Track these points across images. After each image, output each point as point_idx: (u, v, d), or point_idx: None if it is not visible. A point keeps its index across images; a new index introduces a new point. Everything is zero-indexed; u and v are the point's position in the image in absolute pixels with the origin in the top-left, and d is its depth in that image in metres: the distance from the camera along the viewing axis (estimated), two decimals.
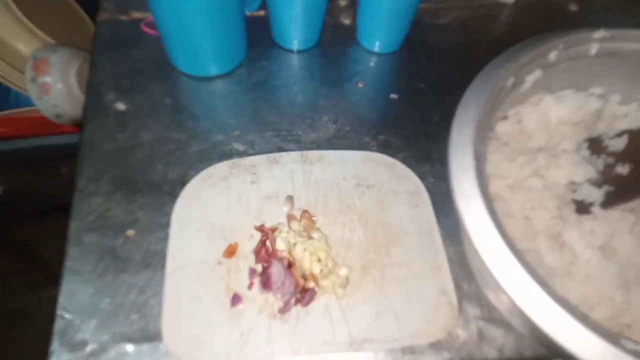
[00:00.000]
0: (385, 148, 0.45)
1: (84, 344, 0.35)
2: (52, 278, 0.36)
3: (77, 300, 0.36)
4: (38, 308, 0.90)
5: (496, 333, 0.37)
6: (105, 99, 0.45)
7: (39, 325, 0.87)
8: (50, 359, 0.34)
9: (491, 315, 0.38)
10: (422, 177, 0.43)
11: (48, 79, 0.64)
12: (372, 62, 0.50)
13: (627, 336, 0.25)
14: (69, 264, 0.37)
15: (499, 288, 0.27)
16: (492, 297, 0.38)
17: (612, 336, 0.25)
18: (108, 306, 0.36)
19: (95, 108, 0.44)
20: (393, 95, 0.48)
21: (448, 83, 0.48)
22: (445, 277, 0.39)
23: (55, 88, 0.65)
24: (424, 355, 0.36)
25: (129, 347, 0.35)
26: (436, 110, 0.47)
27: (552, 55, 0.35)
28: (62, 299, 0.36)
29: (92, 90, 0.45)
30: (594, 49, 0.35)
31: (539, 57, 0.34)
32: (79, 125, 0.54)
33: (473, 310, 0.38)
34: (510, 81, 0.34)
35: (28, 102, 0.68)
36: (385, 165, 0.44)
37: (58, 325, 0.35)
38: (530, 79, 0.35)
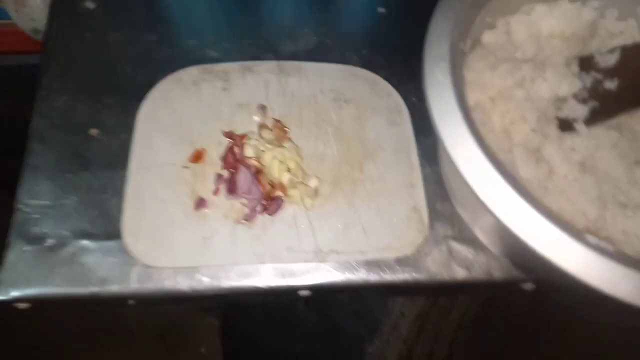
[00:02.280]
0: (368, 64, 0.42)
1: (42, 237, 0.34)
2: None
3: (36, 195, 0.35)
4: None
5: (466, 253, 0.37)
6: None
7: None
8: (8, 250, 0.34)
9: (462, 235, 0.37)
10: (404, 96, 0.41)
11: None
12: None
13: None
14: (30, 159, 0.36)
15: (473, 198, 0.26)
16: (465, 215, 0.37)
17: (602, 248, 0.23)
18: (68, 203, 0.35)
19: (63, 5, 0.42)
20: (380, 9, 0.45)
21: None
22: (418, 195, 0.38)
23: (33, 0, 0.61)
24: (391, 270, 0.36)
25: (88, 243, 0.34)
26: (426, 28, 0.44)
27: None
28: (22, 193, 0.35)
29: None
30: None
31: None
32: None
33: (444, 230, 0.37)
34: None
35: (5, 16, 0.65)
36: (366, 80, 0.42)
37: (17, 218, 0.34)
38: None
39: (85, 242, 0.34)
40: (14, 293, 0.33)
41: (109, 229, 0.34)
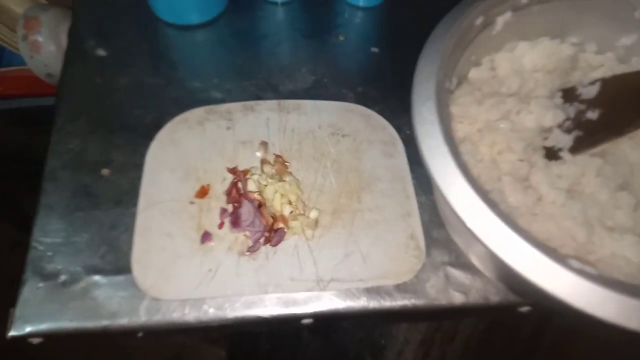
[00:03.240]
0: (362, 100, 0.45)
1: (56, 274, 0.36)
2: None
3: (50, 233, 0.37)
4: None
5: (463, 278, 0.38)
6: (86, 44, 0.45)
7: None
8: (24, 287, 0.35)
9: (459, 261, 0.38)
10: (398, 129, 0.44)
11: (39, 38, 0.64)
12: (355, 15, 0.50)
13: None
14: (44, 199, 0.38)
15: (464, 229, 0.27)
16: (460, 242, 0.38)
17: (585, 271, 0.25)
18: (80, 240, 0.37)
19: (76, 53, 0.45)
20: (374, 49, 0.48)
21: None
22: (415, 223, 0.39)
23: (46, 47, 0.65)
24: (390, 297, 0.37)
25: (99, 278, 0.36)
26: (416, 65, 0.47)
27: None
28: (36, 232, 0.37)
29: (74, 36, 0.46)
30: None
31: None
32: None
33: (441, 256, 0.39)
34: (479, 20, 0.33)
35: (21, 62, 0.69)
36: (361, 115, 0.44)
37: (31, 255, 0.36)
38: (501, 21, 0.35)
39: (96, 277, 0.36)
40: (29, 328, 0.34)
41: (119, 264, 0.36)
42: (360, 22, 0.50)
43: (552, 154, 0.36)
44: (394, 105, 0.45)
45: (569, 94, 0.38)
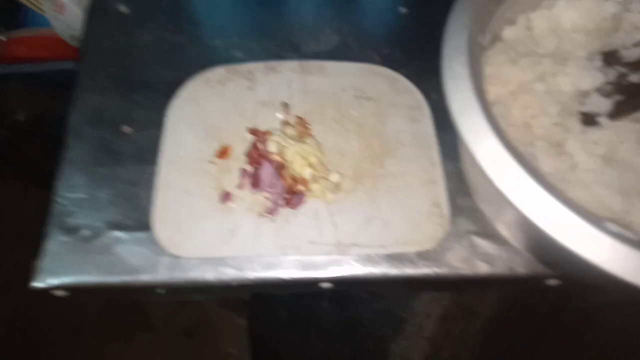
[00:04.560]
0: (389, 62, 0.43)
1: (77, 228, 0.36)
2: None
3: (72, 188, 0.37)
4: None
5: (488, 248, 0.37)
6: (109, 1, 0.45)
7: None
8: (47, 240, 0.36)
9: (485, 230, 0.37)
10: (425, 93, 0.42)
11: None
12: None
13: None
14: (67, 154, 0.38)
15: (494, 193, 0.26)
16: (487, 210, 0.37)
17: (624, 236, 0.23)
18: (102, 195, 0.37)
19: (98, 9, 0.44)
20: (402, 9, 0.46)
21: None
22: (440, 190, 0.38)
23: (70, 8, 0.65)
24: (412, 264, 0.36)
25: (121, 234, 0.36)
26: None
27: None
28: (58, 186, 0.37)
29: None
30: None
31: None
32: None
33: (466, 225, 0.37)
34: None
35: (46, 24, 0.69)
36: (387, 78, 0.43)
37: (54, 209, 0.36)
38: None
39: (117, 233, 0.36)
40: (52, 281, 0.35)
41: (139, 221, 0.36)
42: None
43: (589, 120, 0.34)
44: (422, 68, 0.43)
45: (610, 57, 0.35)
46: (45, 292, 0.35)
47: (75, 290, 0.36)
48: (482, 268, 0.36)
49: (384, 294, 0.57)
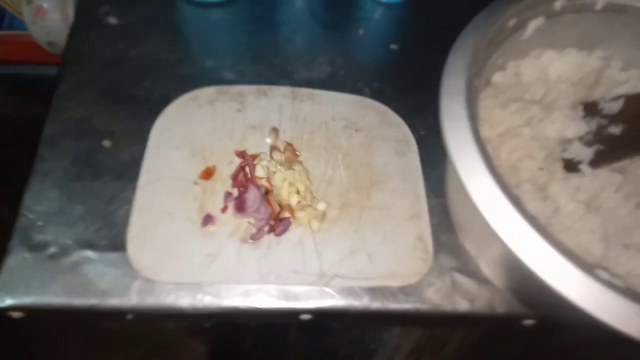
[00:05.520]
0: (378, 96, 0.44)
1: (45, 245, 0.34)
2: None
3: (42, 202, 0.35)
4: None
5: (470, 285, 0.37)
6: (98, 11, 0.44)
7: None
8: (8, 256, 0.33)
9: (466, 267, 0.37)
10: (413, 128, 0.43)
11: (44, 4, 0.62)
12: (377, 10, 0.49)
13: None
14: (39, 165, 0.36)
15: (482, 229, 0.26)
16: (471, 247, 0.37)
17: (612, 284, 0.24)
18: (74, 211, 0.35)
19: (86, 19, 0.43)
20: (393, 46, 0.47)
21: (453, 38, 0.47)
22: (424, 224, 0.38)
23: (51, 14, 0.63)
24: (394, 298, 0.35)
25: (91, 254, 0.34)
26: (437, 65, 0.46)
27: (558, 4, 0.34)
28: (27, 199, 0.35)
29: (86, 1, 0.44)
30: (600, 2, 0.34)
31: (544, 2, 0.33)
32: None
33: (448, 262, 0.37)
34: (512, 22, 0.33)
35: (23, 27, 0.66)
36: (376, 111, 0.43)
37: (20, 223, 0.34)
38: (532, 25, 0.34)
39: (87, 252, 0.34)
40: (9, 301, 0.32)
41: (113, 240, 0.34)
42: (381, 18, 0.49)
43: (571, 166, 0.35)
44: (410, 104, 0.43)
45: (590, 108, 0.37)
46: (2, 313, 0.32)
47: (33, 312, 0.33)
48: (463, 305, 0.36)
49: (356, 324, 0.56)
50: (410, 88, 0.45)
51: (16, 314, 0.33)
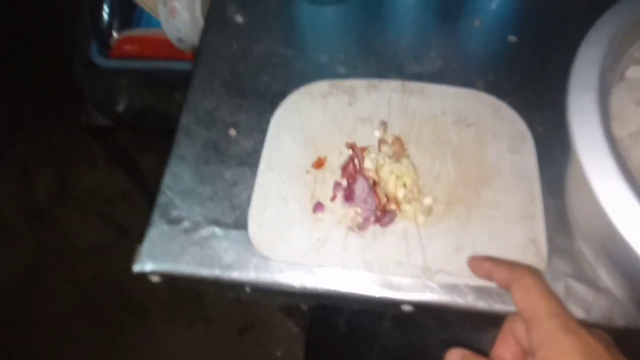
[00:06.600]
0: (493, 89, 0.42)
1: (180, 220, 0.39)
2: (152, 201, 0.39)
3: (179, 182, 0.40)
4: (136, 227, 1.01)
5: (585, 293, 0.34)
6: (226, 10, 0.48)
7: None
8: (150, 228, 0.38)
9: (583, 274, 0.35)
10: (530, 124, 0.40)
11: (177, 4, 0.70)
12: (495, 1, 0.47)
13: None
14: (177, 150, 0.41)
15: (606, 234, 0.25)
16: (590, 253, 0.35)
17: None
18: (205, 192, 0.39)
19: (216, 18, 0.48)
20: (511, 38, 0.45)
21: (579, 29, 0.43)
22: (538, 226, 0.36)
23: (181, 13, 0.70)
24: (501, 300, 0.35)
25: (218, 230, 0.38)
26: (559, 57, 0.43)
27: None
28: (167, 179, 0.40)
29: (216, 1, 0.48)
30: None
31: None
32: None
33: (563, 267, 0.35)
34: None
35: (157, 26, 0.75)
36: (490, 106, 0.42)
37: (160, 200, 0.39)
38: None
39: (215, 229, 0.38)
40: (151, 266, 0.37)
41: (236, 219, 0.38)
42: (499, 8, 0.47)
43: None
44: (528, 98, 0.41)
45: None
46: (144, 276, 0.38)
47: (169, 278, 0.38)
48: (577, 313, 0.34)
49: (455, 322, 0.55)
50: (529, 81, 0.42)
51: (155, 278, 0.38)
